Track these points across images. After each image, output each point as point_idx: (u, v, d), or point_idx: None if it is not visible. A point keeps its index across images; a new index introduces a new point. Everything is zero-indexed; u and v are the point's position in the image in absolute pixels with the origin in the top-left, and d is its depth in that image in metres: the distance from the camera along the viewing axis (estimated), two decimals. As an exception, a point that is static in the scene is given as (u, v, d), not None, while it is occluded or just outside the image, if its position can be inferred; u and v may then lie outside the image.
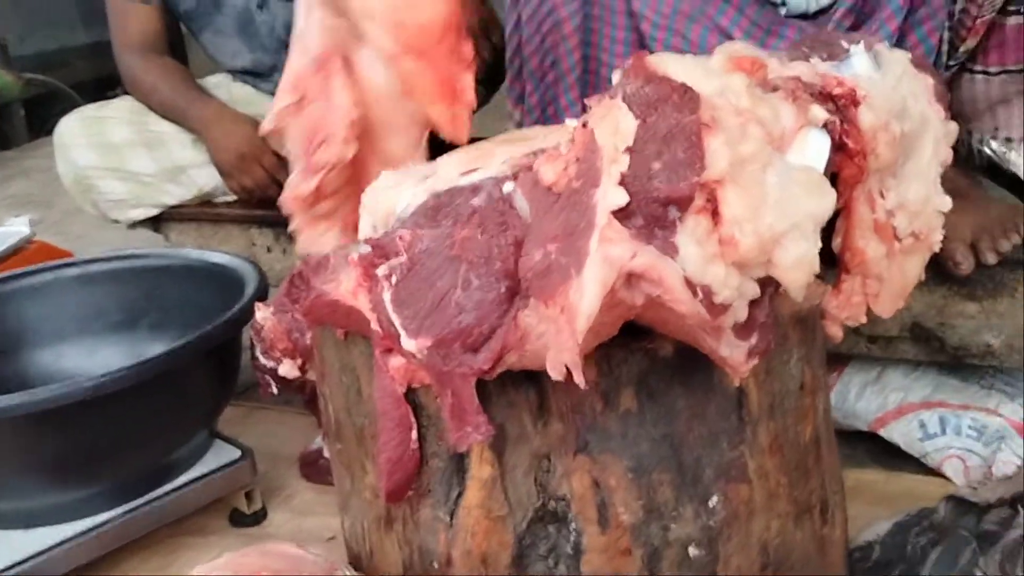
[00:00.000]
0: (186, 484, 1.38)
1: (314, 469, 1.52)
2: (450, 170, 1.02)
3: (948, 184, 1.00)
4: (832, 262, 1.00)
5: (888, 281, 0.97)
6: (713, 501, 0.90)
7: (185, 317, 1.54)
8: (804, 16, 1.40)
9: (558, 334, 0.74)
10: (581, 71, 1.40)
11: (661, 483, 0.89)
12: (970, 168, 1.41)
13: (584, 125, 0.76)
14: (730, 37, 1.33)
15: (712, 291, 0.71)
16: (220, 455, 1.44)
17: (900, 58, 1.02)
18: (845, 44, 1.00)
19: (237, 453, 1.44)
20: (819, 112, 0.83)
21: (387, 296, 0.85)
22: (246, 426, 1.71)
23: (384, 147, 1.30)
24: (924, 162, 0.99)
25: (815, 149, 0.80)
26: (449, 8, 1.18)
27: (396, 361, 0.89)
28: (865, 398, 1.49)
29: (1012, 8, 1.29)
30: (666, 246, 0.70)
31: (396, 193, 1.06)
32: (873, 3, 1.33)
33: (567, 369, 0.75)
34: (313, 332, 1.04)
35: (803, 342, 0.94)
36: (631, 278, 0.71)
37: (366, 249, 0.93)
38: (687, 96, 0.73)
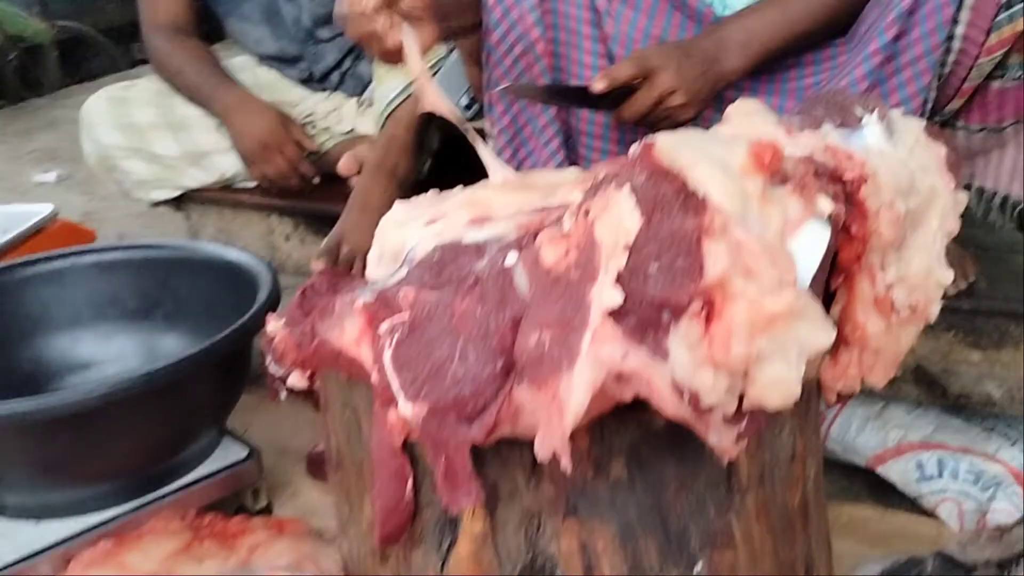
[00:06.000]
0: (193, 482, 1.42)
1: (322, 470, 1.55)
2: (458, 217, 1.03)
3: None
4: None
5: (883, 353, 0.98)
6: (698, 567, 0.92)
7: (198, 311, 1.58)
8: None
9: (548, 421, 0.75)
10: None
11: (647, 548, 0.91)
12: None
13: (586, 213, 0.77)
14: None
15: (700, 396, 0.72)
16: (228, 454, 1.48)
17: (913, 127, 1.01)
18: (859, 112, 1.00)
19: (244, 452, 1.48)
20: (824, 204, 0.83)
21: (387, 355, 0.87)
22: (256, 415, 1.74)
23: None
24: (929, 235, 0.99)
25: (812, 243, 0.80)
26: None
27: (394, 415, 0.91)
28: (866, 433, 1.50)
29: (997, 73, 1.30)
30: (657, 348, 0.71)
31: (404, 232, 1.07)
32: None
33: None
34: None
35: (797, 413, 0.95)
36: (620, 376, 0.72)
37: (370, 298, 0.95)
38: (693, 200, 0.73)
